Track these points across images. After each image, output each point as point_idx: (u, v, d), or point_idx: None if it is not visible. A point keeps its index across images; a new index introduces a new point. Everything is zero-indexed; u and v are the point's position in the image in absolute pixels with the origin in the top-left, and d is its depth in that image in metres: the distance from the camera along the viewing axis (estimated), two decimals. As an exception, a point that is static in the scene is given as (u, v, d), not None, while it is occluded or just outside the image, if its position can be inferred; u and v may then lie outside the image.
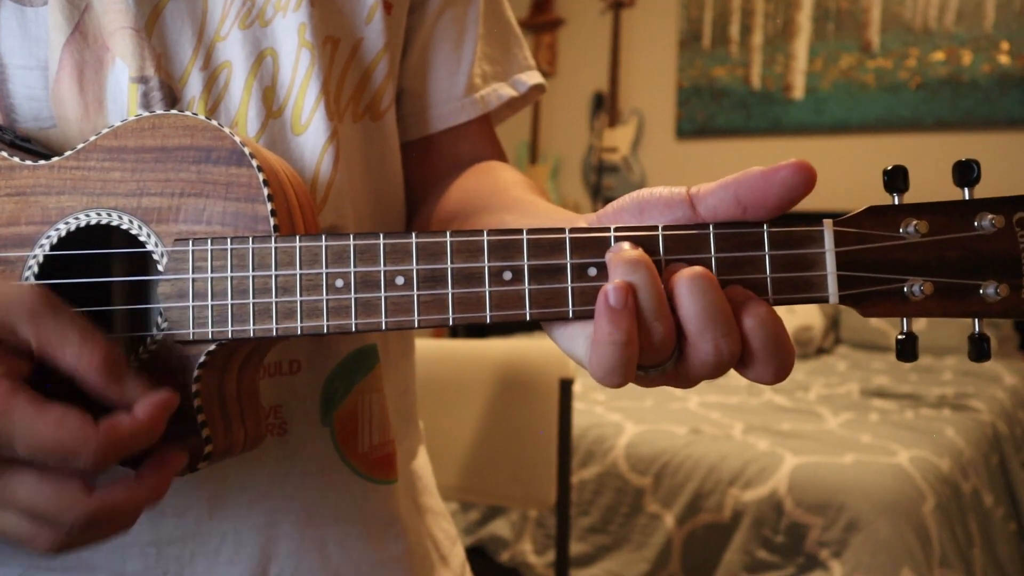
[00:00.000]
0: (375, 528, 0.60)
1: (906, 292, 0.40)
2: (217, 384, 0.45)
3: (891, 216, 0.41)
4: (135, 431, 0.38)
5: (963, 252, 0.40)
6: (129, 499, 0.39)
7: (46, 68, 0.51)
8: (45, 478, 0.38)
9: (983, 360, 0.41)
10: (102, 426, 0.37)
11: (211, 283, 0.43)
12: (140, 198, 0.44)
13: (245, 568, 0.55)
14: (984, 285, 0.40)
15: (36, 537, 0.39)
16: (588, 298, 0.41)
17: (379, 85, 0.61)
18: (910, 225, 0.40)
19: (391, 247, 0.42)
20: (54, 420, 0.36)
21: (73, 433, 0.37)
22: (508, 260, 0.42)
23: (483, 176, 0.63)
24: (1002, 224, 0.39)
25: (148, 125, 0.45)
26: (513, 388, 1.41)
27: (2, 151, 0.46)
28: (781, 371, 0.40)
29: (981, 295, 0.40)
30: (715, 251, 0.41)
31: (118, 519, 0.40)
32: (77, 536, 0.39)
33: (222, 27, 0.54)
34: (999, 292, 0.40)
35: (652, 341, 0.39)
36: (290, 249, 0.43)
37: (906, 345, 0.41)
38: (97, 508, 0.38)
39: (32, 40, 0.51)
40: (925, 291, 0.40)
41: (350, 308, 0.42)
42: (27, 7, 0.51)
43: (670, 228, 0.41)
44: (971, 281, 0.40)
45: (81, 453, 0.37)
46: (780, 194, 0.38)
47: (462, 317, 0.42)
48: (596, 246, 0.41)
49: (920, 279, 0.40)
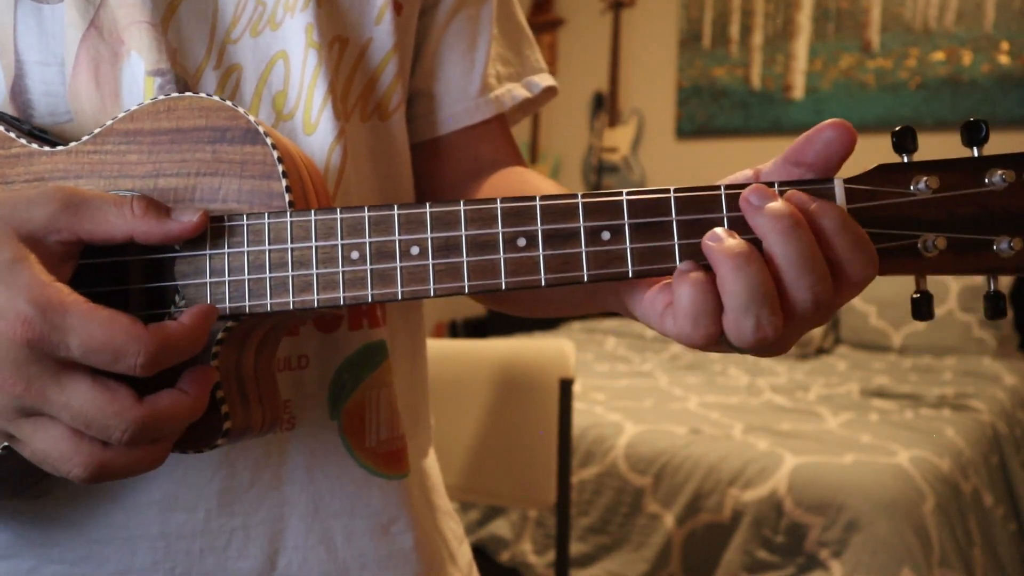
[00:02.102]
0: (383, 522, 0.60)
1: (920, 248, 0.40)
2: (235, 362, 0.46)
3: (902, 173, 0.40)
4: (183, 334, 0.40)
5: (975, 208, 0.40)
6: (174, 408, 0.40)
7: (63, 64, 0.52)
8: (98, 384, 0.38)
9: (999, 317, 0.40)
10: (151, 328, 0.39)
11: (228, 259, 0.43)
12: (156, 179, 0.45)
13: (254, 561, 0.56)
14: (997, 240, 0.40)
15: (75, 455, 0.39)
16: (602, 262, 0.41)
17: (388, 85, 0.61)
18: (920, 182, 0.40)
19: (405, 217, 0.43)
20: (106, 319, 0.38)
21: (125, 331, 0.38)
22: (522, 226, 0.42)
23: (519, 184, 0.64)
24: (1013, 179, 0.39)
25: (163, 108, 0.46)
26: (513, 388, 1.41)
27: (20, 139, 0.47)
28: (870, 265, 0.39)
29: (995, 251, 0.40)
30: (726, 210, 0.41)
31: (167, 428, 0.40)
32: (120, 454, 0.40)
33: (233, 30, 0.55)
34: (1013, 247, 0.39)
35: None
36: (305, 223, 0.43)
37: (921, 303, 0.41)
38: (147, 414, 0.39)
39: (49, 36, 0.52)
40: (939, 246, 0.40)
41: (366, 279, 0.43)
42: (43, 4, 0.52)
43: (681, 190, 0.42)
44: (985, 236, 0.40)
45: (132, 352, 0.38)
46: (818, 149, 0.40)
47: (477, 284, 0.42)
48: (609, 210, 0.42)
49: (933, 234, 0.40)
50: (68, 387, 0.38)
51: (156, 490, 0.54)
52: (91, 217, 0.40)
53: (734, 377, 2.65)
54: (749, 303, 0.38)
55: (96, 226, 0.40)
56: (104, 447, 0.39)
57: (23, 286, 0.37)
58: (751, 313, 0.38)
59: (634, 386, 2.47)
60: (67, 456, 0.39)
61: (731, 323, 0.39)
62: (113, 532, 0.54)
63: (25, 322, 0.37)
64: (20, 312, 0.37)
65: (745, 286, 0.38)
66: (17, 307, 0.37)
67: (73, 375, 0.38)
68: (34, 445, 0.40)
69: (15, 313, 0.37)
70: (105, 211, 0.40)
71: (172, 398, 0.40)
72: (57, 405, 0.38)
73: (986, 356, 2.82)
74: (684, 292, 0.40)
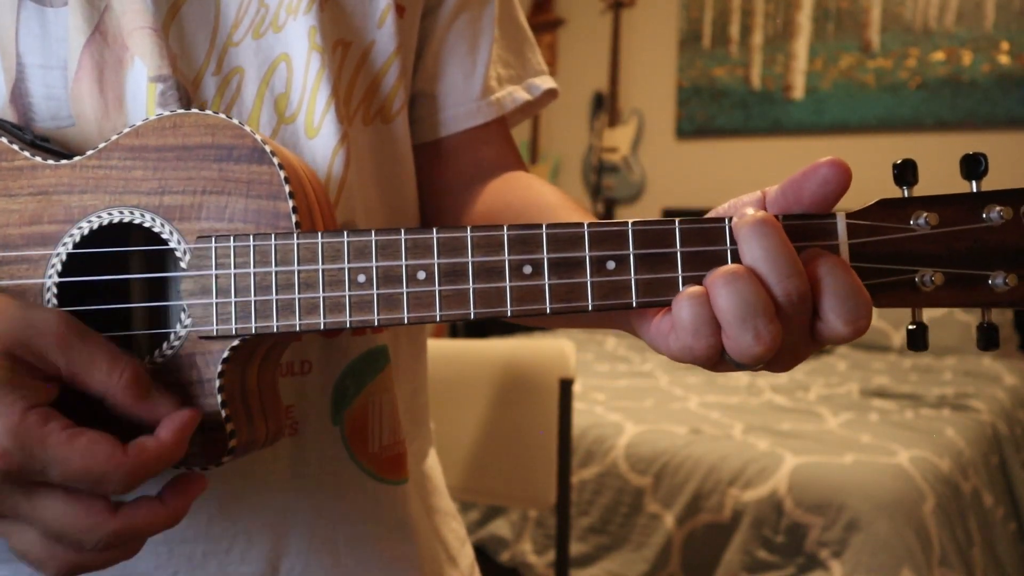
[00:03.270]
0: (385, 528, 0.60)
1: (917, 282, 0.41)
2: (239, 380, 0.46)
3: (902, 209, 0.42)
4: (161, 452, 0.40)
5: (972, 243, 0.41)
6: (151, 519, 0.40)
7: (65, 68, 0.52)
8: (72, 499, 0.39)
9: (991, 348, 0.42)
10: (130, 450, 0.39)
11: (234, 279, 0.43)
12: (162, 196, 0.45)
13: (256, 567, 0.56)
14: (993, 276, 0.41)
15: (50, 559, 0.40)
16: (606, 292, 0.42)
17: (391, 88, 0.61)
18: (920, 217, 0.41)
19: (412, 242, 0.43)
20: (86, 447, 0.38)
21: (104, 459, 0.38)
22: (528, 254, 0.42)
23: (523, 191, 0.63)
24: (1010, 216, 0.40)
25: (169, 124, 0.45)
26: (513, 388, 1.41)
27: (24, 151, 0.46)
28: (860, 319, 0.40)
29: (990, 285, 0.41)
30: (730, 243, 0.42)
31: (142, 536, 0.41)
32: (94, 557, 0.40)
33: (235, 32, 0.55)
34: (1008, 282, 0.41)
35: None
36: (312, 245, 0.43)
37: (916, 335, 0.42)
38: (121, 528, 0.39)
39: (52, 40, 0.52)
40: (936, 281, 0.41)
41: (372, 303, 0.43)
42: (47, 8, 0.52)
43: (686, 221, 0.42)
44: (980, 272, 0.41)
45: (111, 478, 0.38)
46: (814, 188, 0.41)
47: (483, 312, 0.42)
48: (614, 240, 0.42)
49: (931, 270, 0.41)
50: (40, 504, 0.39)
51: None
52: (78, 363, 0.40)
53: (734, 377, 2.65)
54: (745, 315, 0.39)
55: (80, 372, 0.40)
56: (78, 551, 0.40)
57: (2, 414, 0.37)
58: (748, 324, 0.39)
59: (634, 386, 2.47)
60: (42, 560, 0.40)
61: (731, 339, 0.40)
62: None
63: (3, 455, 0.37)
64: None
65: (739, 300, 0.39)
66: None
67: (47, 493, 0.39)
68: (12, 545, 0.40)
69: None
70: (95, 364, 0.40)
71: (150, 509, 0.40)
72: (30, 519, 0.39)
73: (986, 356, 2.82)
74: (684, 306, 0.41)
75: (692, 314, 0.40)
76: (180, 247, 0.44)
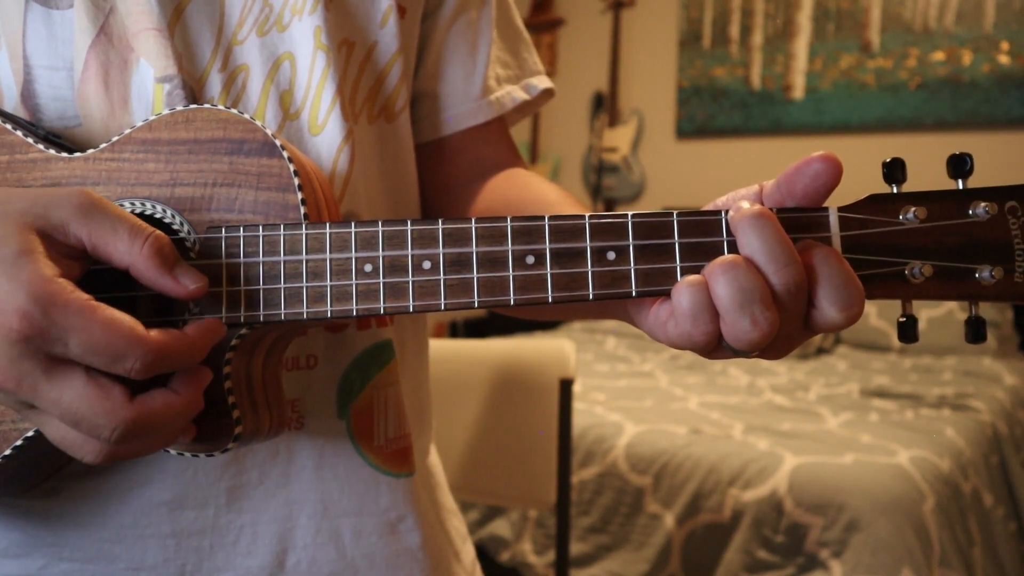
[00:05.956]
0: (391, 520, 0.61)
1: (907, 275, 0.42)
2: (245, 368, 0.47)
3: (891, 203, 0.43)
4: (183, 345, 0.40)
5: (960, 237, 0.42)
6: (166, 408, 0.40)
7: (71, 69, 0.52)
8: (91, 381, 0.39)
9: (979, 342, 0.43)
10: (153, 333, 0.39)
11: (243, 268, 0.44)
12: (173, 188, 0.46)
13: (263, 559, 0.57)
14: (980, 269, 0.42)
15: (84, 444, 0.40)
16: (607, 281, 0.43)
17: (393, 87, 0.63)
18: (909, 212, 0.42)
19: (418, 232, 0.44)
20: (108, 320, 0.38)
21: (126, 335, 0.38)
22: (531, 244, 0.44)
23: (523, 188, 0.64)
24: (995, 211, 0.42)
25: (182, 119, 0.47)
26: (513, 388, 1.41)
27: (38, 144, 0.47)
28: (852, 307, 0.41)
29: (977, 278, 0.42)
30: (726, 234, 0.43)
31: (158, 428, 0.41)
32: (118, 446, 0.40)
33: (239, 31, 0.56)
34: (994, 275, 0.42)
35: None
36: (320, 235, 0.44)
37: (907, 327, 0.44)
38: (137, 415, 0.39)
39: (58, 42, 0.53)
40: (925, 273, 0.42)
41: (379, 292, 0.44)
42: (53, 10, 0.53)
43: (684, 214, 0.44)
44: (968, 265, 0.42)
45: (130, 355, 0.38)
46: (806, 182, 0.42)
47: (487, 300, 0.43)
48: (614, 231, 0.44)
49: (920, 262, 0.42)
50: (59, 384, 0.38)
51: (166, 491, 0.55)
52: (102, 231, 0.40)
53: (734, 377, 2.65)
54: (743, 302, 0.40)
55: (102, 242, 0.40)
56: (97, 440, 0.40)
57: (25, 280, 0.37)
58: (746, 311, 0.40)
59: (634, 386, 2.47)
60: (76, 446, 0.40)
61: (729, 325, 0.41)
62: (123, 531, 0.54)
63: (24, 317, 0.37)
64: (19, 307, 0.37)
65: (737, 287, 0.40)
66: (17, 301, 0.37)
67: (67, 372, 0.38)
68: (48, 434, 0.41)
69: (14, 307, 0.37)
70: (118, 233, 0.40)
71: (164, 398, 0.40)
72: (47, 401, 0.38)
73: (986, 356, 2.82)
74: (683, 293, 0.42)
75: (691, 301, 0.41)
76: (190, 237, 0.45)
